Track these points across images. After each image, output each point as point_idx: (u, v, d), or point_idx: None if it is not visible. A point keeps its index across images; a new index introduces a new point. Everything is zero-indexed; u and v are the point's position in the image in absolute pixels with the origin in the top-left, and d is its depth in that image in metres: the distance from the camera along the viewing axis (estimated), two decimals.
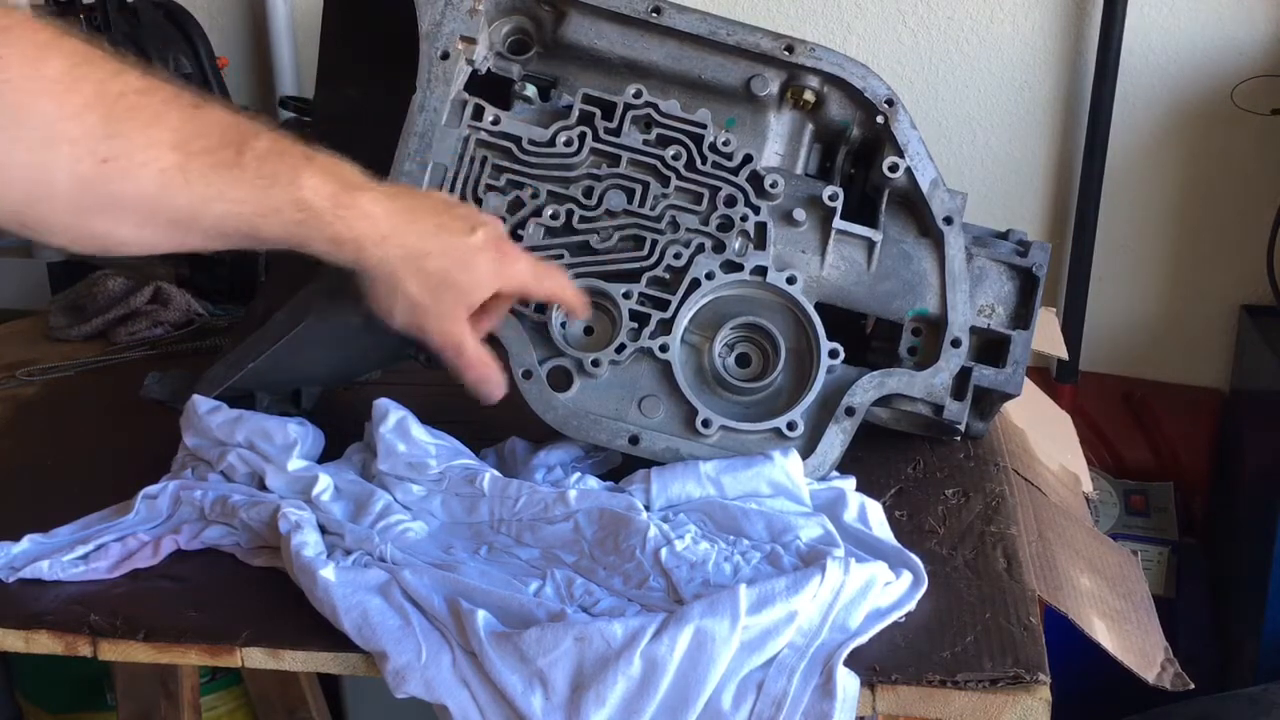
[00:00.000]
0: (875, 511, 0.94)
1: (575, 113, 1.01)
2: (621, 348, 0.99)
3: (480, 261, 0.88)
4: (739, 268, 1.00)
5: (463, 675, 0.78)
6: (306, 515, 0.90)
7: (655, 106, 1.01)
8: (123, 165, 0.75)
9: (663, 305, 1.00)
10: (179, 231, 0.80)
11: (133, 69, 0.77)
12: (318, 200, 0.81)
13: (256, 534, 0.91)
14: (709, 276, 1.00)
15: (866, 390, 1.00)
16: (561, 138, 1.00)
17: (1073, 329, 1.84)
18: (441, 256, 0.86)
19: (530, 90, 1.04)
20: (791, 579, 0.79)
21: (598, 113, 1.01)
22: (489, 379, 0.93)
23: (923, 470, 1.06)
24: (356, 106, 1.16)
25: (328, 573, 0.83)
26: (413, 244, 0.85)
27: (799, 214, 1.02)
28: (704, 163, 1.01)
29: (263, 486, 0.97)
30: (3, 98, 0.72)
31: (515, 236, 1.00)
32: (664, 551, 0.86)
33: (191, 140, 0.77)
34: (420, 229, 0.86)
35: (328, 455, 1.02)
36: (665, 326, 0.99)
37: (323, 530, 0.91)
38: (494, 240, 0.89)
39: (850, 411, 1.00)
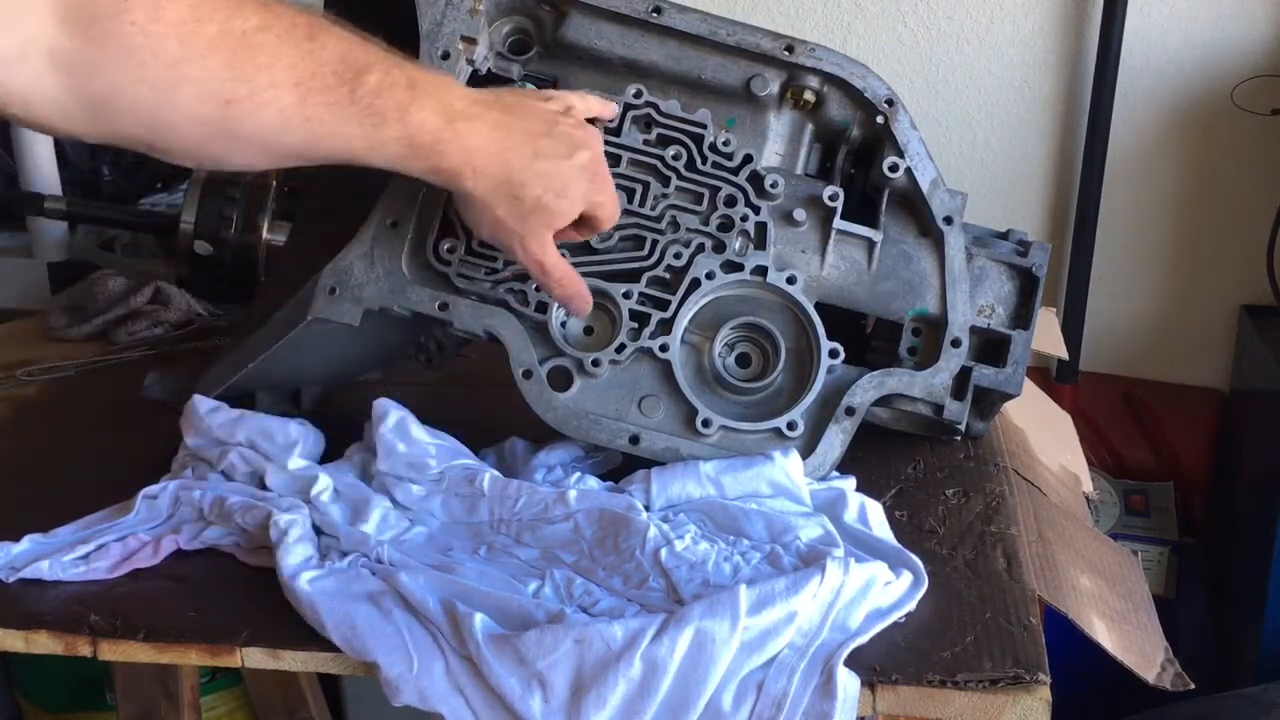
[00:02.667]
0: (875, 511, 0.94)
1: None
2: (622, 348, 0.99)
3: (575, 186, 0.90)
4: (739, 268, 1.00)
5: (457, 682, 0.78)
6: (298, 520, 0.90)
7: (655, 106, 1.01)
8: (245, 106, 0.78)
9: (663, 305, 1.00)
10: (290, 159, 0.85)
11: (249, 1, 0.79)
12: (422, 135, 0.84)
13: (253, 535, 0.91)
14: (709, 276, 1.00)
15: (866, 390, 1.00)
16: None
17: (1073, 329, 1.84)
18: (534, 183, 0.88)
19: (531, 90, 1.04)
20: (791, 579, 0.79)
21: None
22: (575, 294, 0.94)
23: (923, 470, 1.06)
24: None
25: (310, 585, 0.83)
26: (507, 174, 0.87)
27: (799, 214, 1.02)
28: (704, 163, 1.01)
29: (263, 485, 0.97)
30: (129, 40, 0.73)
31: None
32: (664, 552, 0.86)
33: (309, 78, 0.80)
34: (517, 157, 0.87)
35: (328, 456, 1.02)
36: (665, 326, 0.99)
37: (319, 532, 0.92)
38: (592, 163, 0.91)
39: (850, 411, 1.00)
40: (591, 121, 0.97)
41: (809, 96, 1.03)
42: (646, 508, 0.92)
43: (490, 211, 0.89)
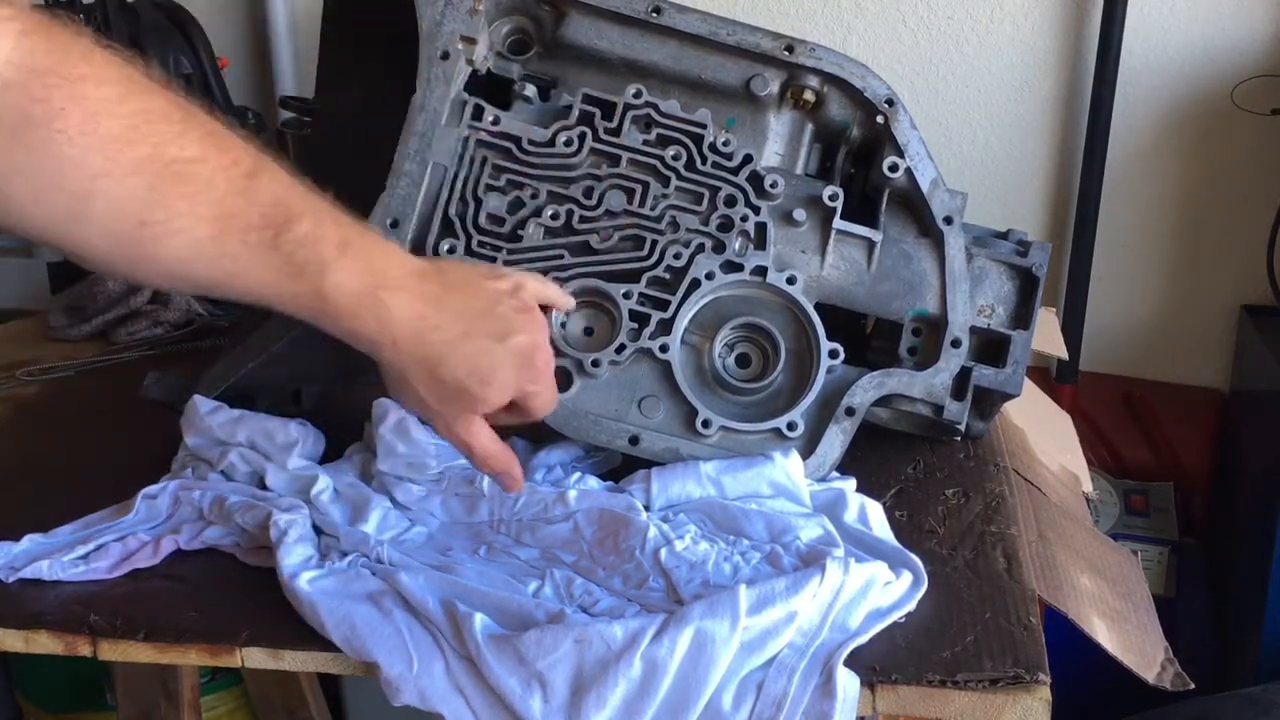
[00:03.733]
0: (875, 512, 0.94)
1: (575, 113, 1.01)
2: (621, 348, 0.99)
3: (502, 372, 0.85)
4: (739, 268, 1.00)
5: (457, 682, 0.78)
6: (298, 520, 0.90)
7: (655, 106, 1.01)
8: (158, 231, 0.76)
9: (663, 305, 1.00)
10: (201, 290, 0.85)
11: (196, 130, 0.77)
12: (339, 297, 0.80)
13: (253, 536, 0.91)
14: (709, 277, 1.00)
15: (866, 390, 1.00)
16: (561, 138, 1.00)
17: (1073, 329, 1.84)
18: (458, 366, 0.83)
19: (530, 90, 1.04)
20: (791, 579, 0.79)
21: (598, 113, 1.01)
22: (504, 472, 0.90)
23: (923, 470, 1.06)
24: (356, 107, 1.16)
25: (310, 585, 0.83)
26: (429, 352, 0.83)
27: (799, 214, 1.02)
28: (704, 163, 1.01)
29: (263, 485, 0.97)
30: (55, 147, 0.72)
31: (515, 236, 1.00)
32: (664, 552, 0.86)
33: (232, 215, 0.77)
34: (441, 336, 0.83)
35: (328, 456, 1.02)
36: (665, 327, 0.99)
37: (319, 532, 0.92)
38: (529, 349, 0.86)
39: (850, 412, 1.00)
40: (544, 310, 0.92)
41: (809, 96, 1.03)
42: (646, 508, 0.93)
43: (410, 387, 0.85)
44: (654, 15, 1.01)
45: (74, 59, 0.73)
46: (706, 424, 0.98)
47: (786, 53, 1.01)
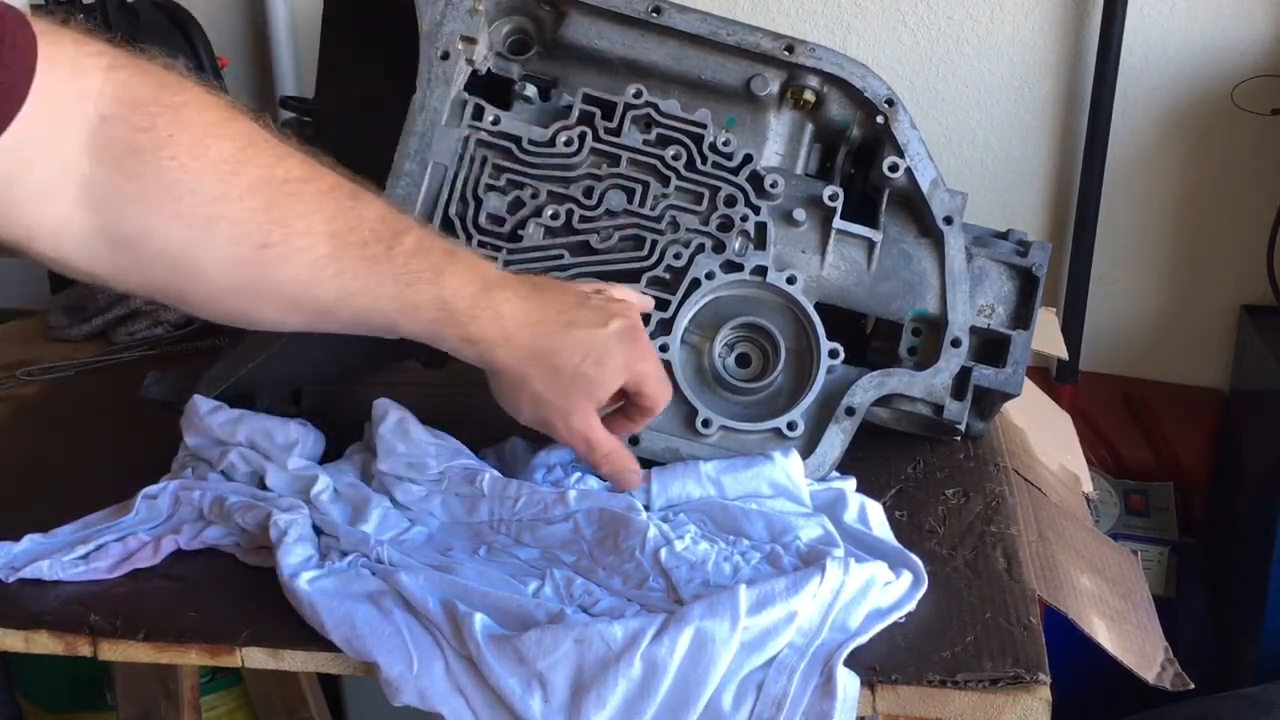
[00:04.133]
0: (875, 512, 0.94)
1: (575, 113, 1.01)
2: None
3: (613, 354, 0.86)
4: (739, 268, 1.00)
5: (457, 683, 0.78)
6: (298, 520, 0.90)
7: (655, 106, 1.01)
8: (280, 251, 0.76)
9: (663, 305, 1.00)
10: (319, 319, 0.82)
11: (295, 154, 0.78)
12: (457, 300, 0.82)
13: (253, 536, 0.91)
14: (709, 276, 1.00)
15: (866, 390, 1.00)
16: (561, 138, 1.00)
17: (1073, 329, 1.84)
18: (572, 352, 0.85)
19: (530, 90, 1.04)
20: (791, 579, 0.79)
21: (598, 113, 1.01)
22: (624, 469, 0.91)
23: (923, 470, 1.06)
24: (356, 106, 1.16)
25: (310, 585, 0.83)
26: (542, 343, 0.85)
27: (799, 214, 1.02)
28: (704, 163, 1.01)
29: (263, 485, 0.97)
30: (168, 174, 0.72)
31: (515, 236, 1.00)
32: (663, 552, 0.86)
33: (347, 232, 0.78)
34: (551, 327, 0.85)
35: (328, 456, 1.02)
36: (665, 326, 0.99)
37: (319, 532, 0.92)
38: (629, 331, 0.88)
39: (850, 411, 1.00)
40: None
41: (809, 96, 1.03)
42: (646, 508, 0.92)
43: (527, 385, 0.86)
44: (654, 15, 1.01)
45: (170, 88, 0.73)
46: (706, 424, 0.98)
47: (787, 53, 1.01)
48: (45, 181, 0.71)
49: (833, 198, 1.01)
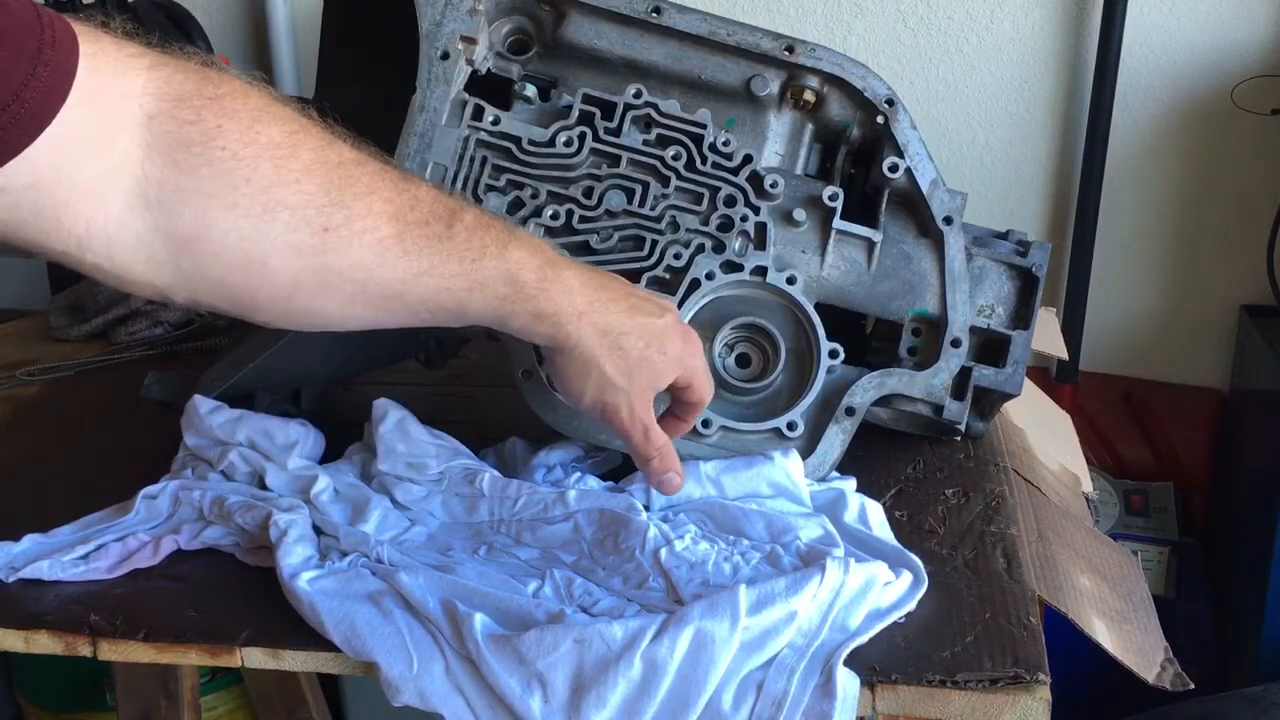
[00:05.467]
0: (875, 512, 0.94)
1: (575, 113, 1.01)
2: None
3: (674, 344, 0.86)
4: (739, 268, 1.00)
5: (457, 683, 0.78)
6: (298, 520, 0.90)
7: (655, 106, 1.01)
8: (342, 234, 0.74)
9: None
10: (385, 307, 0.79)
11: (342, 139, 0.76)
12: (524, 273, 0.80)
13: (253, 536, 0.91)
14: (709, 277, 1.00)
15: (866, 390, 1.00)
16: (561, 138, 1.00)
17: (1073, 329, 1.84)
18: (637, 336, 0.84)
19: (530, 90, 1.04)
20: (791, 579, 0.79)
21: (598, 113, 1.01)
22: (671, 469, 0.90)
23: (923, 470, 1.06)
24: (356, 106, 1.16)
25: (310, 585, 0.83)
26: (611, 321, 0.83)
27: (799, 214, 1.02)
28: (704, 163, 1.01)
29: (263, 485, 0.97)
30: (221, 164, 0.71)
31: None
32: (663, 552, 0.86)
33: (407, 211, 0.76)
34: (617, 307, 0.84)
35: (328, 456, 1.02)
36: None
37: (319, 532, 0.92)
38: (681, 325, 0.88)
39: (850, 411, 1.00)
40: None
41: (809, 96, 1.03)
42: (646, 508, 0.92)
43: (596, 366, 0.83)
44: (654, 15, 1.01)
45: (212, 81, 0.72)
46: (706, 424, 0.98)
47: (787, 53, 1.01)
48: (95, 180, 0.69)
49: (833, 198, 1.01)
